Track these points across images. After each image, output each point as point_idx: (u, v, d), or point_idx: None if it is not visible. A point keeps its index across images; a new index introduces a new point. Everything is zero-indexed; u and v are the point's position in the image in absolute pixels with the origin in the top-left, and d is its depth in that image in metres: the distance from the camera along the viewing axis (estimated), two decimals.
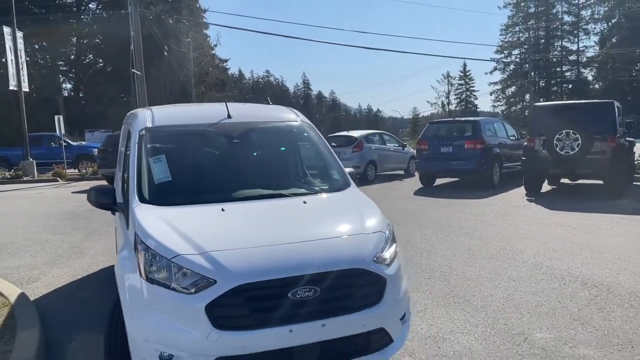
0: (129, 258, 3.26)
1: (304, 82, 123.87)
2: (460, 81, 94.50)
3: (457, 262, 6.25)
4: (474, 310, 4.66)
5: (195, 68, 41.07)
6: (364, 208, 3.74)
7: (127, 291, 3.11)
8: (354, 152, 15.66)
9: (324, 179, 4.29)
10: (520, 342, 3.95)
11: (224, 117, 4.37)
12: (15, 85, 20.86)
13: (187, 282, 2.89)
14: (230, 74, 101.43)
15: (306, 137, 4.57)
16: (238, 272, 2.88)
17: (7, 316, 4.50)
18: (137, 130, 4.18)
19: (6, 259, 7.12)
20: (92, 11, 41.31)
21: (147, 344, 2.92)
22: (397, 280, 3.31)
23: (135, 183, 3.73)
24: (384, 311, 3.15)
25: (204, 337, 2.80)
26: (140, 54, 23.49)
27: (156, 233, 3.16)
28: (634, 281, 5.33)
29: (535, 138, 11.50)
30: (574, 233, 7.65)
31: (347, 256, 3.14)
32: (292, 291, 2.90)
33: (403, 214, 9.73)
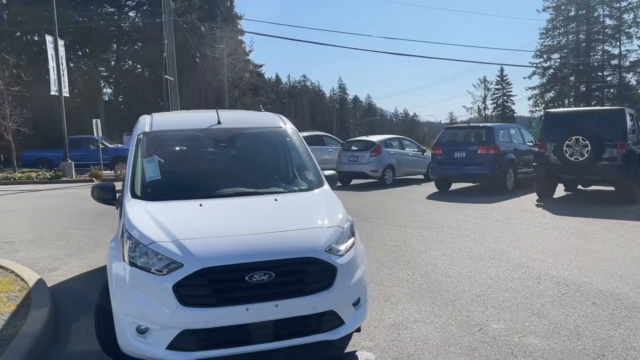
0: (115, 248, 3.78)
1: (340, 87, 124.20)
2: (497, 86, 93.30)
3: (443, 261, 6.58)
4: (443, 303, 5.01)
5: (229, 74, 42.12)
6: (327, 206, 4.17)
7: (113, 275, 3.63)
8: (372, 156, 16.03)
9: (301, 180, 4.74)
10: (475, 331, 4.29)
11: (214, 123, 4.88)
12: (57, 90, 22.09)
13: (160, 265, 3.38)
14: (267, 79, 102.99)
15: (288, 141, 5.03)
16: (202, 257, 3.36)
17: (24, 298, 5.11)
18: (137, 134, 4.74)
19: (34, 250, 7.83)
20: (132, 19, 42.93)
21: (127, 318, 3.42)
22: (350, 269, 3.72)
23: (129, 180, 4.28)
24: (334, 295, 3.56)
25: (172, 312, 3.28)
26: (173, 61, 24.45)
27: (139, 224, 3.68)
28: (606, 282, 5.55)
29: (546, 144, 11.62)
30: (568, 237, 7.84)
31: (301, 246, 3.57)
32: (249, 275, 3.36)
33: (408, 217, 10.06)
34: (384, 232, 8.57)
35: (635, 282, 5.52)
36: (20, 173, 23.44)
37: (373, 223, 9.44)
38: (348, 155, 16.64)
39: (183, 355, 3.33)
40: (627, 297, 5.05)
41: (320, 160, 18.11)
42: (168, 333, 3.31)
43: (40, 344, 4.05)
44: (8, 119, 24.17)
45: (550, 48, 77.37)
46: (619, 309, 4.72)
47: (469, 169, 13.25)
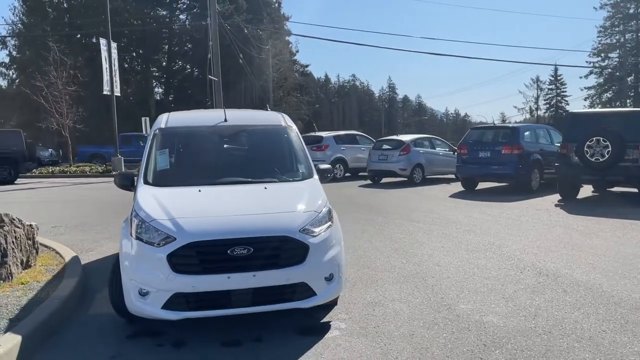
0: (125, 227, 4.48)
1: (389, 86, 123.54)
2: (550, 86, 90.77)
3: (440, 252, 7.01)
4: (423, 287, 5.47)
5: (274, 74, 43.15)
6: (309, 194, 4.74)
7: (122, 247, 4.33)
8: (401, 155, 16.43)
9: (293, 172, 5.32)
10: (443, 310, 4.75)
11: (221, 121, 5.55)
12: (109, 90, 23.57)
13: (158, 239, 4.05)
14: (316, 78, 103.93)
15: (286, 138, 5.62)
16: (191, 232, 4.01)
17: (60, 270, 5.93)
18: (154, 130, 5.46)
19: (77, 234, 8.77)
20: (182, 21, 44.69)
21: (132, 283, 4.11)
22: (323, 248, 4.27)
23: (143, 169, 5.00)
24: (306, 270, 4.13)
25: (166, 278, 3.95)
26: (217, 62, 25.54)
27: (145, 206, 4.37)
28: (586, 274, 5.85)
29: (568, 145, 11.72)
30: (570, 234, 8.07)
31: (278, 226, 4.17)
32: (231, 249, 3.98)
33: (423, 213, 10.47)
34: (394, 226, 9.04)
35: (614, 274, 5.80)
36: (75, 167, 25.14)
37: (387, 218, 9.92)
38: (378, 154, 17.08)
39: (175, 314, 3.99)
40: (600, 286, 5.36)
41: (354, 159, 18.82)
42: (163, 295, 3.97)
43: (66, 306, 4.81)
44: (65, 117, 25.91)
45: (608, 47, 74.53)
46: (585, 297, 5.05)
47: (493, 169, 13.46)
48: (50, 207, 12.52)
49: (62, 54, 26.77)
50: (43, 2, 40.49)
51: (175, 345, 4.06)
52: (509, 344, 3.97)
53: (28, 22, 39.96)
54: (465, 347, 3.92)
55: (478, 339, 4.08)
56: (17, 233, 5.72)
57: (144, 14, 42.02)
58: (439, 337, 4.12)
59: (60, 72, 25.80)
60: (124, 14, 39.83)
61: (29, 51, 37.82)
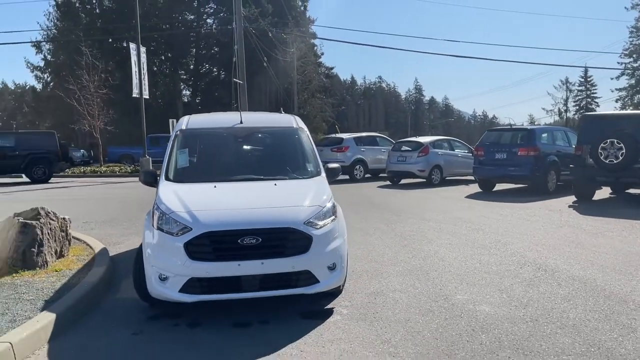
0: (148, 219, 4.95)
1: (415, 88, 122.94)
2: (580, 87, 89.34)
3: (446, 249, 7.31)
4: (425, 279, 5.80)
5: (299, 76, 43.68)
6: (315, 190, 5.12)
7: (145, 237, 4.79)
8: (419, 156, 16.69)
9: (302, 170, 5.72)
10: (440, 300, 5.08)
11: (237, 123, 5.99)
12: (138, 93, 24.37)
13: (176, 229, 4.50)
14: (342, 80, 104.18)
15: (296, 139, 6.03)
16: (206, 223, 4.44)
17: (89, 260, 6.44)
18: (175, 131, 5.93)
19: (106, 229, 9.34)
20: (209, 25, 45.64)
21: (153, 269, 4.56)
22: (326, 240, 4.66)
23: (165, 167, 5.47)
24: (309, 259, 4.52)
25: (182, 264, 4.39)
26: (242, 65, 26.14)
27: (166, 200, 4.83)
28: (584, 269, 6.09)
29: (583, 147, 11.84)
30: (577, 233, 8.27)
31: (284, 219, 4.57)
32: (241, 239, 4.40)
33: (436, 212, 10.75)
34: (406, 224, 9.36)
35: (611, 270, 6.03)
36: (105, 167, 26.08)
37: (401, 217, 10.24)
38: (397, 155, 17.37)
39: (190, 297, 4.42)
40: (594, 281, 5.61)
41: (374, 160, 19.13)
42: (180, 280, 4.42)
43: (95, 291, 5.30)
44: (97, 119, 26.89)
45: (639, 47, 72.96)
46: (577, 290, 5.31)
47: (509, 170, 13.63)
48: (81, 204, 13.19)
49: (94, 58, 27.79)
50: (76, 8, 41.91)
51: (190, 326, 4.49)
52: (496, 329, 4.28)
53: (62, 27, 41.38)
54: (455, 332, 4.25)
55: (468, 324, 4.40)
56: (52, 225, 6.26)
57: (173, 18, 43.07)
58: (432, 323, 4.46)
59: (92, 76, 26.80)
60: (153, 18, 40.93)
61: (62, 55, 39.20)
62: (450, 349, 3.92)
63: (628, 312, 4.64)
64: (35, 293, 4.99)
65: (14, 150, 20.42)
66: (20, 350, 3.82)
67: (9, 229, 5.93)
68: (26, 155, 20.42)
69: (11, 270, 5.69)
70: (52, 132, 22.63)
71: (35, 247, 5.83)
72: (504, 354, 3.80)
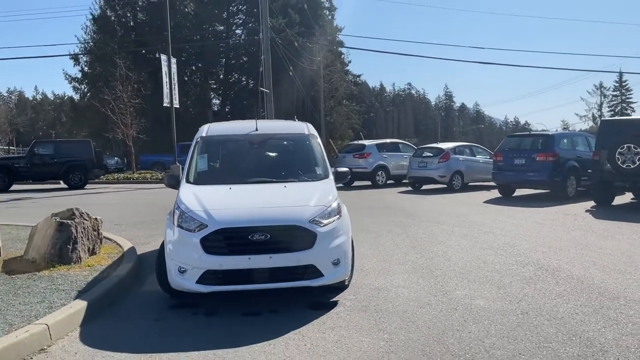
0: (169, 219, 5.44)
1: (445, 94, 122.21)
2: (614, 92, 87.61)
3: (454, 250, 7.61)
4: (429, 277, 6.13)
5: (326, 84, 44.23)
6: (322, 192, 5.53)
7: (166, 234, 5.29)
8: (440, 162, 16.93)
9: (311, 173, 6.13)
10: (439, 295, 5.41)
11: (253, 130, 6.46)
12: (168, 102, 25.26)
13: (193, 226, 4.97)
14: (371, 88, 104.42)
15: (307, 144, 6.46)
16: (220, 221, 4.90)
17: (118, 258, 6.98)
18: (196, 138, 6.44)
19: (135, 230, 9.94)
20: (238, 36, 46.68)
21: (173, 262, 5.04)
22: (330, 237, 5.05)
23: (186, 171, 5.97)
24: (313, 254, 4.93)
25: (199, 257, 4.85)
26: (269, 75, 26.81)
27: (185, 200, 5.32)
28: (584, 270, 6.31)
29: (601, 151, 11.93)
30: (587, 236, 8.44)
31: (291, 217, 4.99)
32: (251, 235, 4.84)
33: (451, 216, 11.02)
34: (420, 227, 9.67)
35: (612, 270, 6.23)
36: (138, 174, 27.06)
37: (415, 220, 10.55)
38: (418, 161, 17.64)
39: (206, 287, 4.88)
40: (591, 280, 5.84)
41: (396, 166, 19.44)
42: (197, 272, 4.88)
43: (123, 283, 5.82)
44: (130, 127, 27.93)
45: None
46: (573, 287, 5.56)
47: (528, 175, 13.77)
48: (114, 208, 13.91)
49: (127, 69, 28.90)
50: (112, 21, 43.45)
51: (206, 314, 4.95)
52: (487, 320, 4.60)
53: (98, 39, 42.97)
54: (447, 322, 4.59)
55: (461, 316, 4.73)
56: (85, 225, 6.83)
57: (203, 29, 44.21)
58: (428, 315, 4.80)
59: (125, 86, 27.88)
60: (184, 30, 42.15)
61: (98, 67, 40.68)
62: (440, 336, 4.26)
63: (617, 307, 4.89)
64: (70, 284, 5.53)
65: (53, 158, 21.51)
66: (56, 331, 4.33)
67: (48, 228, 6.51)
68: (64, 162, 21.46)
69: (49, 264, 6.26)
70: (88, 141, 23.69)
71: (70, 244, 6.40)
72: (489, 341, 4.12)
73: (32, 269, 6.18)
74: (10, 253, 7.15)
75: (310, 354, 3.97)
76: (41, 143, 24.03)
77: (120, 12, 44.34)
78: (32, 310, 4.67)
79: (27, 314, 4.57)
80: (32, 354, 4.01)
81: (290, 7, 42.32)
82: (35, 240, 6.65)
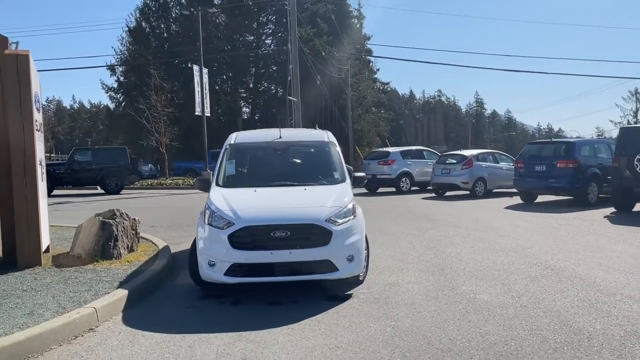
0: (201, 218, 6.02)
1: (476, 101, 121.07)
2: None
3: (467, 251, 8.00)
4: (439, 275, 6.56)
5: (353, 92, 44.79)
6: (338, 194, 6.04)
7: (198, 232, 5.88)
8: (463, 169, 17.24)
9: (330, 177, 6.66)
10: (446, 290, 5.84)
11: (277, 138, 7.04)
12: (200, 111, 26.23)
13: (222, 224, 5.55)
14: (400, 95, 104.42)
15: (327, 151, 7.00)
16: (246, 219, 5.46)
17: (154, 255, 7.63)
18: (225, 145, 7.05)
19: (169, 232, 10.62)
20: (268, 45, 47.73)
21: (204, 256, 5.62)
22: (344, 235, 5.56)
23: (216, 175, 6.57)
24: (330, 250, 5.45)
25: (226, 252, 5.42)
26: (297, 84, 27.48)
27: (215, 201, 5.91)
28: (589, 269, 6.63)
29: (620, 158, 12.11)
30: (599, 240, 8.71)
31: (309, 216, 5.52)
32: (273, 232, 5.38)
33: (470, 221, 11.37)
34: (438, 230, 10.07)
35: (615, 271, 6.54)
36: (171, 180, 28.04)
37: (434, 224, 10.95)
38: (441, 168, 17.99)
39: (232, 279, 5.44)
40: (594, 279, 6.17)
41: (420, 173, 19.82)
42: (225, 265, 5.45)
43: (158, 277, 6.44)
44: (163, 135, 29.00)
45: None
46: (574, 285, 5.92)
47: (549, 182, 13.98)
48: (149, 211, 14.70)
49: (161, 79, 30.02)
50: (146, 33, 45.03)
51: (232, 303, 5.50)
52: (487, 312, 5.02)
53: (133, 50, 44.57)
54: (450, 313, 5.03)
55: (464, 308, 5.16)
56: (125, 224, 7.50)
57: (234, 40, 45.41)
58: (433, 306, 5.25)
59: (159, 96, 28.99)
60: (215, 40, 43.39)
61: (133, 77, 42.23)
62: (442, 324, 4.71)
63: (612, 302, 5.24)
64: (112, 276, 6.17)
65: (91, 165, 22.62)
66: (102, 314, 4.95)
67: (92, 227, 7.20)
68: (101, 168, 22.53)
69: (92, 259, 6.93)
70: (123, 148, 24.77)
71: (112, 241, 7.07)
72: (485, 329, 4.55)
73: (78, 263, 6.86)
74: (57, 249, 7.88)
75: (323, 336, 4.47)
76: (80, 150, 25.21)
77: (154, 23, 45.93)
78: (81, 297, 5.31)
79: (77, 299, 5.21)
80: (83, 332, 4.63)
81: (319, 16, 43.10)
82: (81, 237, 7.34)
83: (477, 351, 4.06)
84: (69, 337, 4.47)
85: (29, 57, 6.71)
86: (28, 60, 6.65)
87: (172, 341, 4.41)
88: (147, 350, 4.22)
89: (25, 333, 4.23)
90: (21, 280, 6.00)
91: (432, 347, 4.16)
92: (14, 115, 6.54)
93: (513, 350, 4.05)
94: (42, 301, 5.16)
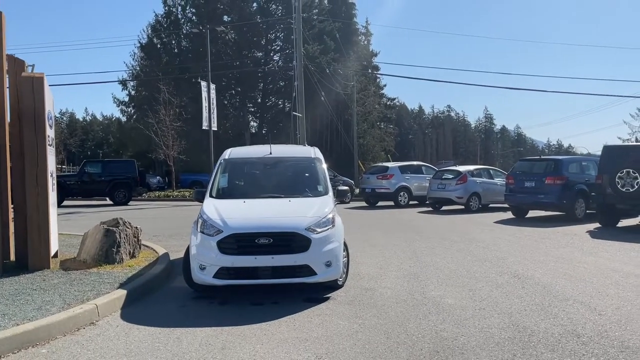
0: (194, 226, 6.64)
1: (485, 117, 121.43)
2: None
3: (446, 261, 8.54)
4: (414, 281, 7.12)
5: (359, 108, 45.53)
6: (319, 205, 6.65)
7: (192, 238, 6.50)
8: (457, 184, 17.79)
9: (313, 190, 7.27)
10: (416, 294, 6.40)
11: (267, 154, 7.68)
12: (207, 125, 27.01)
13: (212, 231, 6.16)
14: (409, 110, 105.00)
15: (312, 166, 7.62)
16: (233, 227, 6.08)
17: (154, 260, 8.25)
18: (220, 160, 7.71)
19: (170, 240, 11.26)
20: (275, 61, 48.72)
21: (196, 261, 6.23)
22: (322, 242, 6.15)
23: (209, 188, 7.22)
24: (308, 256, 6.04)
25: (215, 257, 6.03)
26: (302, 100, 28.28)
27: (207, 211, 6.53)
28: (552, 278, 7.15)
29: (603, 176, 12.62)
30: (574, 253, 9.21)
31: (290, 225, 6.13)
32: (257, 239, 5.99)
33: (457, 234, 11.90)
34: (423, 242, 10.62)
35: (577, 280, 7.06)
36: (177, 192, 28.79)
37: (422, 236, 11.50)
38: (437, 183, 18.55)
39: (220, 281, 6.05)
40: (554, 286, 6.70)
41: (418, 187, 20.41)
42: (214, 268, 6.06)
43: (156, 280, 7.06)
44: (171, 148, 29.82)
45: None
46: (535, 291, 6.45)
47: (538, 198, 14.50)
48: (153, 222, 15.37)
49: (170, 94, 30.93)
50: (157, 49, 46.22)
51: (220, 303, 6.10)
52: (446, 313, 5.58)
53: (144, 65, 45.72)
54: (414, 313, 5.59)
55: (427, 310, 5.72)
56: (127, 232, 8.14)
57: (242, 56, 46.42)
58: (400, 308, 5.82)
59: (168, 110, 29.86)
60: (224, 56, 44.41)
61: (144, 91, 43.28)
62: (403, 322, 5.27)
63: (562, 306, 5.77)
64: (114, 279, 6.79)
65: (100, 176, 23.43)
66: (102, 310, 5.57)
67: (96, 234, 7.85)
68: (110, 180, 23.33)
69: (97, 264, 7.57)
70: (132, 161, 25.59)
71: (115, 247, 7.71)
72: (441, 327, 5.11)
73: (84, 267, 7.50)
74: (65, 255, 8.54)
75: (296, 331, 5.06)
76: (90, 163, 26.06)
77: (165, 39, 47.11)
78: (84, 295, 5.94)
79: (81, 297, 5.84)
80: (85, 325, 5.25)
81: (325, 34, 44.05)
82: (87, 244, 7.99)
83: (427, 344, 4.62)
84: (72, 329, 5.10)
85: (44, 79, 7.42)
86: (42, 82, 7.36)
87: (162, 334, 5.02)
88: (139, 341, 4.83)
89: (34, 324, 4.86)
90: (31, 281, 6.66)
91: (389, 341, 4.73)
92: (28, 131, 7.24)
93: (460, 344, 4.60)
94: (50, 298, 5.79)
